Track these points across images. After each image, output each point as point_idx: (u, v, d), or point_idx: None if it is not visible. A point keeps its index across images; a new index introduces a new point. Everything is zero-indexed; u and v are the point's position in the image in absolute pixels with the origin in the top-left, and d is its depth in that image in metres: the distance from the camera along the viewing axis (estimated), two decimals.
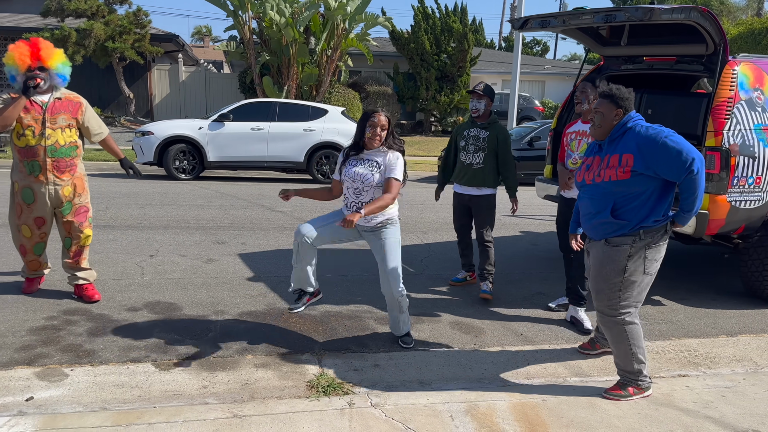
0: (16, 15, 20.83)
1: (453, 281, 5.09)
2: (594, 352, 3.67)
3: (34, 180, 4.01)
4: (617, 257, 3.05)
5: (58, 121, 4.01)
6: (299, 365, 3.39)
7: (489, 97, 4.70)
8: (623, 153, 3.01)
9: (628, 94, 3.08)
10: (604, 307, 3.15)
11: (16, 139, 3.97)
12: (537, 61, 31.08)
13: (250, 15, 17.10)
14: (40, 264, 4.32)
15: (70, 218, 4.15)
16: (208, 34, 59.82)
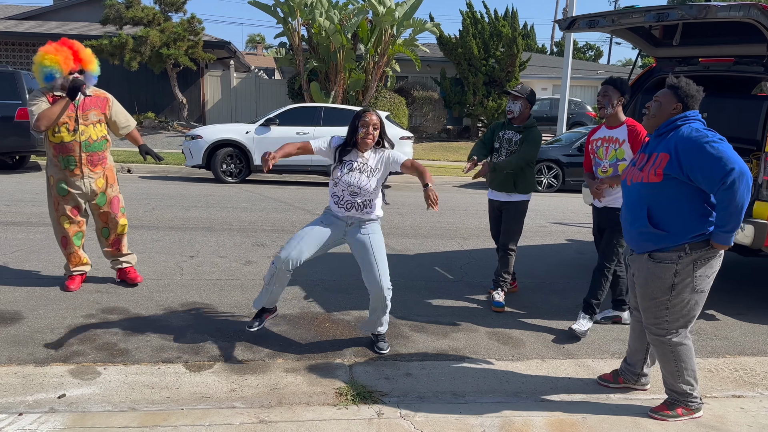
0: (78, 23, 21.78)
1: (495, 306, 4.76)
2: (614, 386, 3.29)
3: (70, 174, 4.21)
4: (663, 274, 2.82)
5: (89, 117, 4.21)
6: (329, 371, 3.32)
7: (527, 99, 4.44)
8: (660, 152, 2.81)
9: (696, 92, 2.85)
10: (651, 325, 2.94)
11: (51, 136, 4.14)
12: (589, 66, 30.37)
13: (300, 22, 17.33)
14: (80, 258, 4.45)
15: (106, 209, 4.39)
16: (261, 42, 61.14)
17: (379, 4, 16.48)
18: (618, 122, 3.94)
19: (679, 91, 2.85)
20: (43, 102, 4.06)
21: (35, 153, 11.47)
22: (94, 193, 4.32)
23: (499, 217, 4.67)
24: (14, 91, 10.69)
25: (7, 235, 5.98)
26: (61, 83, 4.09)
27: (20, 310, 3.94)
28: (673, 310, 2.85)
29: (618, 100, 3.88)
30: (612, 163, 3.96)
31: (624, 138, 3.88)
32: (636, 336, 3.22)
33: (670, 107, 2.86)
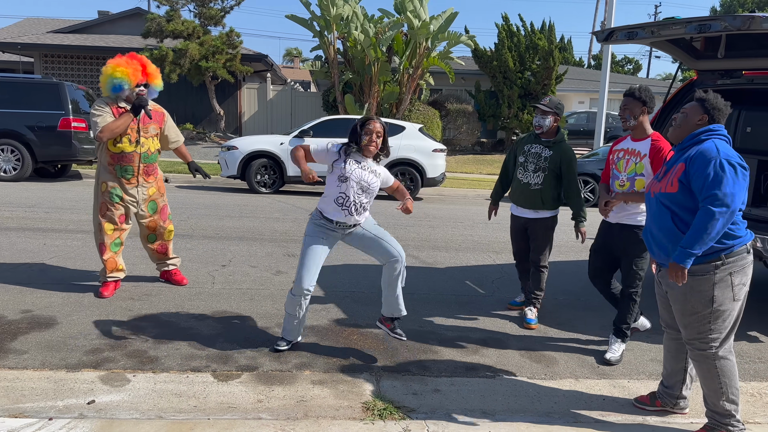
0: (120, 36, 22.44)
1: (511, 304, 4.79)
2: (651, 408, 3.17)
3: (126, 182, 4.42)
4: (702, 287, 2.74)
5: (149, 130, 4.46)
6: (356, 385, 3.28)
7: (556, 113, 4.27)
8: (680, 162, 2.78)
9: (723, 106, 2.81)
10: (694, 341, 2.83)
11: (111, 146, 4.33)
12: (628, 80, 29.86)
13: (335, 35, 17.50)
14: (116, 264, 4.54)
15: (155, 217, 4.64)
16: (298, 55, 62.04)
17: (414, 18, 16.53)
18: (644, 135, 3.73)
19: (707, 104, 2.83)
20: (108, 114, 4.25)
21: (76, 162, 11.79)
22: (145, 202, 4.55)
23: (524, 234, 4.53)
24: (58, 102, 11.04)
25: (45, 241, 6.13)
26: (127, 95, 4.30)
27: (55, 315, 4.02)
28: (716, 322, 2.77)
29: (641, 110, 3.68)
30: (630, 177, 3.74)
31: (646, 152, 3.67)
32: (672, 356, 3.11)
33: (696, 119, 2.84)
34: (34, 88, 11.12)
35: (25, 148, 10.94)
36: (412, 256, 6.49)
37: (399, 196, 3.76)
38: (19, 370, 3.21)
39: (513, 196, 4.50)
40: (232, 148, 11.26)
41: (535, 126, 4.35)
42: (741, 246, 2.74)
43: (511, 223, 4.61)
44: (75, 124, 11.06)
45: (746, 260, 2.76)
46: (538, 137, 4.38)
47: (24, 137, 10.90)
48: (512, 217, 4.59)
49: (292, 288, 3.57)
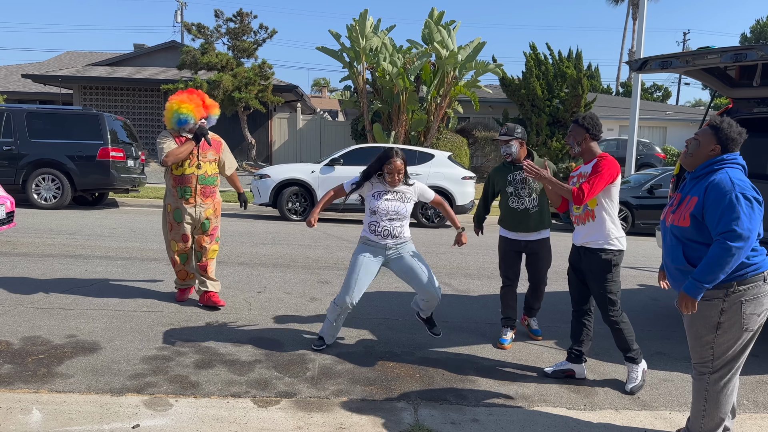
0: (156, 68, 23.18)
1: (501, 343, 4.52)
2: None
3: (185, 202, 4.91)
4: (708, 313, 2.72)
5: (207, 156, 4.97)
6: (394, 413, 3.28)
7: (517, 138, 4.43)
8: (693, 195, 2.75)
9: (737, 135, 2.75)
10: (697, 364, 2.85)
11: (174, 170, 4.89)
12: (657, 107, 29.64)
13: (365, 66, 17.83)
14: (187, 274, 5.16)
15: (205, 236, 5.04)
16: (326, 85, 63.14)
17: (442, 48, 16.77)
18: (591, 157, 3.77)
19: (720, 133, 2.77)
20: (172, 141, 4.81)
21: (114, 190, 12.12)
22: (201, 221, 4.99)
23: (518, 256, 4.60)
24: (97, 132, 11.43)
25: (87, 268, 6.30)
26: (190, 128, 4.84)
27: (98, 340, 4.12)
28: (719, 349, 2.74)
29: (583, 137, 3.72)
30: None
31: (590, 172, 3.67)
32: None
33: (708, 148, 2.79)
34: (74, 119, 11.54)
35: (65, 177, 11.31)
36: (445, 284, 6.49)
37: (444, 213, 4.33)
38: (66, 393, 3.29)
39: (510, 223, 4.54)
40: (264, 177, 11.47)
41: (504, 155, 4.51)
42: (757, 273, 2.68)
43: (506, 248, 4.61)
44: (113, 153, 11.42)
45: (762, 289, 2.69)
46: (514, 165, 4.51)
47: (64, 166, 11.29)
48: (507, 242, 4.60)
49: (336, 298, 4.03)
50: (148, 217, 11.02)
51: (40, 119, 11.48)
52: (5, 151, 11.21)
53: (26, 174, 11.23)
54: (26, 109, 11.60)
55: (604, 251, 3.67)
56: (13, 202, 7.48)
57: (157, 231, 9.17)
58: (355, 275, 3.95)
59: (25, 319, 4.48)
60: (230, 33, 19.34)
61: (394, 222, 4.00)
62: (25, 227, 8.76)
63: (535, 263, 4.58)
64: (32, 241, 7.67)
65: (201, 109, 4.83)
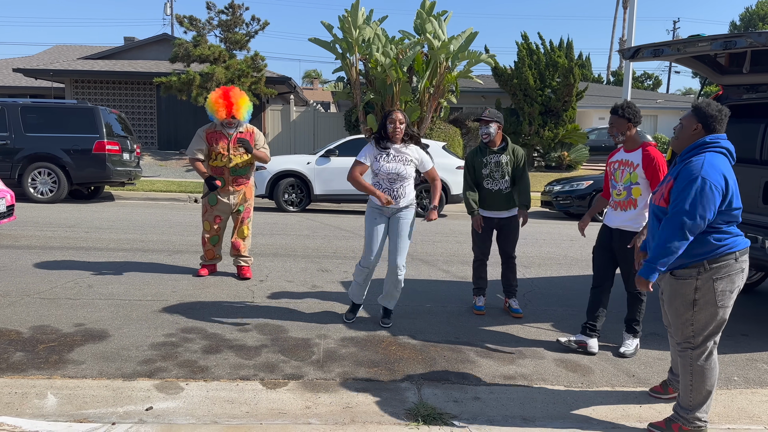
0: (148, 61, 23.08)
1: (478, 310, 5.02)
2: (666, 396, 3.42)
3: (220, 190, 5.48)
4: (684, 290, 2.88)
5: (239, 149, 5.46)
6: (398, 392, 3.40)
7: (497, 121, 4.78)
8: (673, 177, 2.89)
9: (717, 112, 2.86)
10: (679, 339, 3.00)
11: (210, 161, 5.47)
12: (648, 95, 29.84)
13: (357, 57, 17.82)
14: (213, 254, 5.79)
15: (241, 216, 5.71)
16: (317, 77, 62.95)
17: (435, 39, 16.80)
18: (635, 146, 4.00)
19: (699, 111, 2.88)
20: (200, 140, 5.42)
21: (110, 184, 12.15)
22: (236, 205, 5.64)
23: (491, 233, 5.00)
24: (92, 126, 11.43)
25: (89, 259, 6.37)
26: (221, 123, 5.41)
27: (106, 328, 4.20)
28: (698, 325, 2.89)
29: (627, 126, 3.96)
30: (626, 186, 4.01)
31: (638, 162, 3.94)
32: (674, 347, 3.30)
33: (691, 128, 2.91)
34: (69, 113, 11.54)
35: (61, 171, 11.33)
36: (443, 270, 6.61)
37: (433, 188, 4.46)
38: (79, 379, 3.38)
39: (484, 203, 4.93)
40: (260, 168, 11.52)
41: (482, 135, 4.83)
42: (729, 252, 2.81)
43: (481, 226, 4.95)
44: (109, 147, 11.44)
45: (732, 268, 2.82)
46: (489, 148, 4.86)
47: (60, 160, 11.31)
48: (485, 220, 4.96)
49: (361, 260, 4.43)
50: (145, 210, 11.07)
51: (35, 113, 11.47)
52: (1, 145, 11.21)
53: (22, 168, 11.24)
54: (21, 104, 11.59)
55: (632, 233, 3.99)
56: (13, 195, 7.52)
57: (156, 223, 9.23)
58: (372, 241, 4.35)
59: (32, 309, 4.56)
60: (222, 25, 19.29)
61: (395, 183, 4.29)
62: (25, 221, 8.80)
63: (506, 237, 4.98)
64: (33, 234, 7.72)
65: (223, 113, 5.32)
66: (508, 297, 5.13)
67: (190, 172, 17.94)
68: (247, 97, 5.53)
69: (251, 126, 5.63)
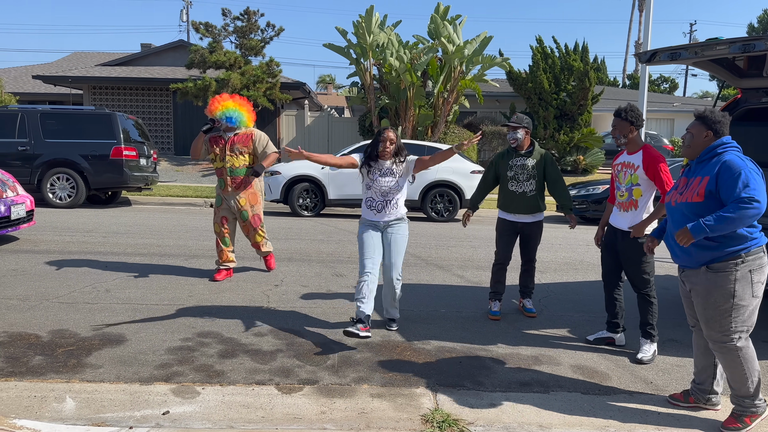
0: (165, 68, 23.32)
1: (494, 315, 5.00)
2: (685, 404, 3.39)
3: (222, 191, 5.79)
4: (723, 283, 3.00)
5: (234, 150, 5.66)
6: (414, 398, 3.39)
7: (525, 127, 4.82)
8: (704, 176, 3.02)
9: (722, 118, 3.08)
10: (717, 334, 3.07)
11: (212, 163, 5.78)
12: (665, 99, 29.57)
13: (371, 62, 17.88)
14: (227, 256, 5.88)
15: (247, 223, 5.89)
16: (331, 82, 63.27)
17: (449, 43, 16.81)
18: (636, 148, 4.11)
19: (707, 120, 3.10)
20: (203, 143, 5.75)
21: (127, 189, 12.27)
22: (237, 209, 5.79)
23: (515, 237, 5.00)
24: (110, 132, 11.57)
25: (107, 264, 6.43)
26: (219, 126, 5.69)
27: (124, 332, 4.24)
28: (737, 316, 3.00)
29: (629, 129, 4.05)
30: (628, 188, 4.11)
31: (639, 164, 4.04)
32: (701, 353, 3.35)
33: (702, 136, 3.12)
34: (87, 119, 11.69)
35: (79, 176, 11.46)
36: (458, 276, 6.59)
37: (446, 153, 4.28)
38: (97, 383, 3.42)
39: (508, 206, 4.93)
40: (275, 173, 11.59)
41: (510, 140, 4.87)
42: (758, 246, 3.00)
43: (503, 227, 5.01)
44: (126, 152, 11.57)
45: (763, 260, 3.01)
46: (517, 151, 4.90)
47: (78, 166, 11.45)
48: (506, 223, 5.00)
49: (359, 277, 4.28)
50: (161, 215, 11.17)
51: (54, 119, 11.63)
52: (20, 151, 11.38)
53: (41, 174, 11.39)
54: (40, 110, 11.76)
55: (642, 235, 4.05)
56: (32, 201, 7.63)
57: (172, 227, 9.31)
58: (367, 253, 4.28)
59: (51, 313, 4.62)
60: (238, 31, 19.45)
61: (388, 196, 4.31)
62: (44, 226, 8.91)
63: (528, 242, 4.99)
64: (52, 239, 7.82)
65: (210, 109, 5.60)
66: (523, 297, 5.19)
67: (206, 177, 18.09)
68: (242, 104, 5.68)
69: (251, 129, 5.79)
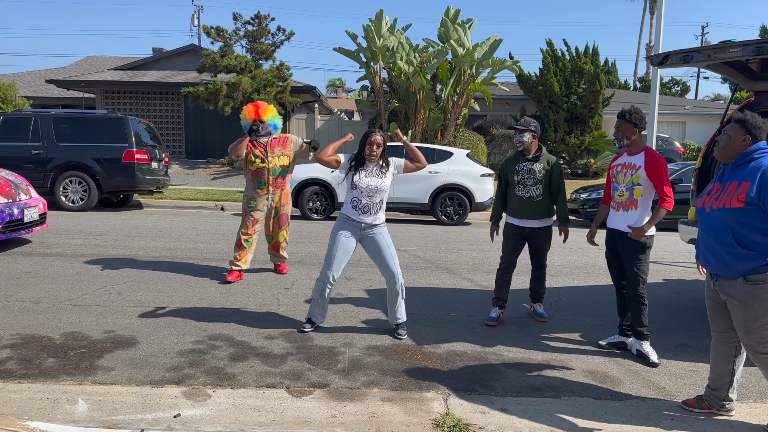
0: (176, 72, 23.49)
1: (490, 321, 4.91)
2: (698, 410, 3.35)
3: (260, 191, 5.97)
4: (763, 295, 2.92)
5: (275, 151, 5.98)
6: (424, 402, 3.37)
7: (531, 130, 4.77)
8: (742, 181, 2.95)
9: (762, 123, 3.03)
10: (756, 345, 3.00)
11: (250, 166, 5.94)
12: (676, 102, 29.38)
13: (381, 66, 17.91)
14: (245, 258, 6.03)
15: (276, 222, 6.19)
16: (341, 85, 63.37)
17: (459, 46, 16.80)
18: (638, 149, 4.16)
19: (747, 124, 3.04)
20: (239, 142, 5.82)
21: (139, 192, 12.35)
22: (273, 207, 6.10)
23: (521, 242, 4.91)
24: (122, 135, 11.66)
25: (119, 266, 6.47)
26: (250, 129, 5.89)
27: (135, 335, 4.26)
28: None
29: (632, 131, 4.11)
30: (628, 188, 4.15)
31: (641, 164, 4.09)
32: (720, 359, 3.28)
33: (739, 139, 3.06)
34: (100, 123, 11.79)
35: (91, 180, 11.56)
36: (467, 279, 6.57)
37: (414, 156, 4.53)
38: (109, 385, 3.43)
39: (515, 211, 4.89)
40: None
41: (516, 143, 4.82)
42: None
43: (510, 232, 4.95)
44: (138, 156, 11.65)
45: None
46: (524, 156, 4.85)
47: (90, 169, 11.54)
48: (513, 227, 4.93)
49: (319, 275, 4.41)
50: (173, 218, 11.23)
51: (67, 123, 11.75)
52: (34, 154, 11.50)
53: (54, 177, 11.50)
54: (53, 114, 11.88)
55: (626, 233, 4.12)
56: (45, 204, 7.70)
57: (183, 230, 9.36)
58: (334, 251, 4.34)
59: (63, 315, 4.65)
60: (248, 35, 19.55)
61: (374, 197, 4.32)
62: (56, 228, 8.99)
63: (537, 247, 4.94)
64: (64, 242, 7.88)
65: (252, 114, 5.85)
66: (534, 301, 5.15)
67: (216, 180, 18.17)
68: (274, 110, 6.03)
69: (285, 134, 6.18)
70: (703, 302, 5.99)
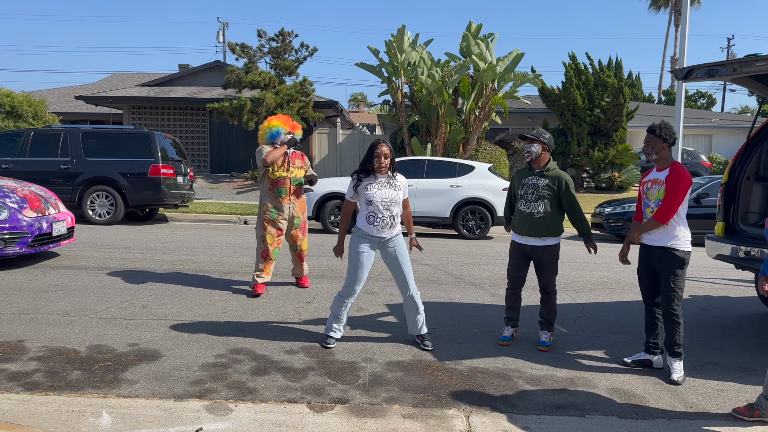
0: (201, 88, 23.88)
1: (503, 341, 4.77)
2: (749, 419, 3.34)
3: (282, 200, 6.05)
4: None
5: (295, 163, 6.17)
6: (446, 420, 3.34)
7: (542, 141, 4.58)
8: None
9: None
10: None
11: (271, 174, 6.02)
12: (702, 114, 28.99)
13: (403, 80, 18.01)
14: (270, 269, 6.10)
15: (297, 231, 6.25)
16: (363, 100, 63.84)
17: (480, 61, 16.82)
18: (666, 164, 4.13)
19: None
20: (269, 148, 5.99)
21: (164, 206, 12.54)
22: (294, 216, 6.16)
23: (526, 261, 4.74)
24: (148, 150, 11.87)
25: (143, 280, 6.57)
26: (281, 139, 6.01)
27: (159, 348, 4.31)
28: None
29: (662, 146, 4.08)
30: (657, 203, 4.09)
31: (665, 179, 4.07)
32: None
33: None
34: (126, 138, 12.02)
35: (118, 194, 11.77)
36: (490, 294, 6.52)
37: (405, 220, 4.68)
38: (132, 398, 3.47)
39: (516, 226, 4.72)
40: (307, 191, 11.68)
41: (525, 153, 4.65)
42: None
43: (513, 250, 4.78)
44: (164, 170, 11.84)
45: None
46: (532, 169, 4.68)
47: (117, 183, 11.76)
48: (515, 245, 4.77)
49: (340, 292, 4.47)
50: (197, 231, 11.36)
51: (95, 138, 12.00)
52: (63, 169, 11.76)
53: (82, 191, 11.73)
54: (81, 129, 12.15)
55: (675, 250, 4.06)
56: (73, 218, 7.86)
57: (207, 244, 9.46)
58: (356, 270, 4.38)
59: (89, 328, 4.72)
60: (272, 52, 19.83)
61: (392, 209, 4.33)
62: (83, 242, 9.16)
63: (539, 268, 4.70)
64: (91, 255, 8.03)
65: (288, 124, 6.08)
66: (541, 327, 4.80)
67: (240, 194, 18.36)
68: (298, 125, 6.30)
69: (299, 151, 6.31)
70: (730, 319, 5.87)
